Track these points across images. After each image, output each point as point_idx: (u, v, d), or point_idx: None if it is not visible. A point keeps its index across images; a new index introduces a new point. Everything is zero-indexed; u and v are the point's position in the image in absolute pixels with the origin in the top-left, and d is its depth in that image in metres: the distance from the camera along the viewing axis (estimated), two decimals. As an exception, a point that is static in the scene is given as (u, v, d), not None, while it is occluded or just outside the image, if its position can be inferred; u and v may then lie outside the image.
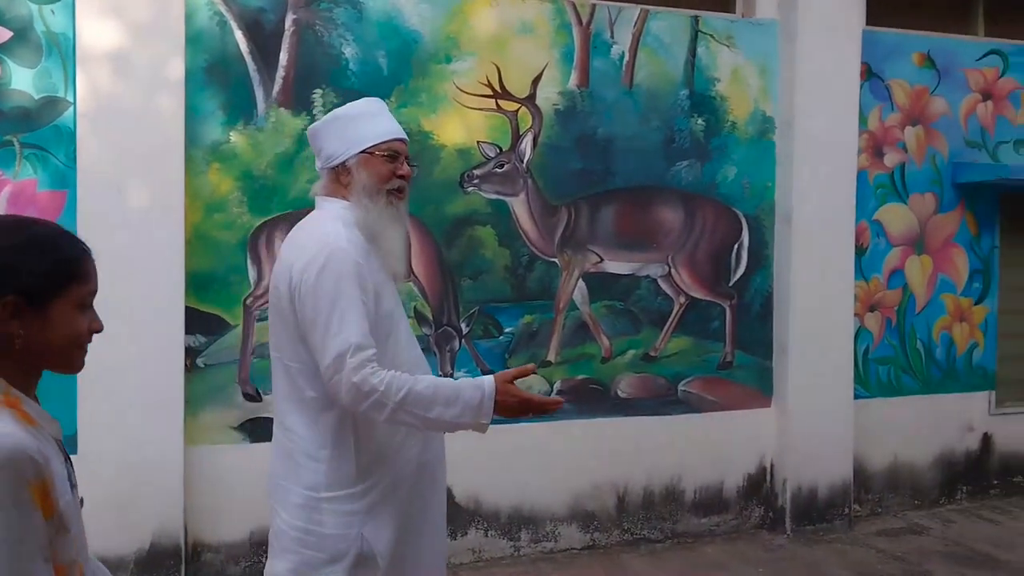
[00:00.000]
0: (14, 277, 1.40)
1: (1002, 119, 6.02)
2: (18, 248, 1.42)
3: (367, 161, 2.40)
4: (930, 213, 5.87)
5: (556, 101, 4.98)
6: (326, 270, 2.25)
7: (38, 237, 1.46)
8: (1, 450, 1.32)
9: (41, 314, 1.43)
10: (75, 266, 1.48)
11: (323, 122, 2.49)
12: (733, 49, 5.29)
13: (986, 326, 6.07)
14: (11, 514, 1.32)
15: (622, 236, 5.14)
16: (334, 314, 2.22)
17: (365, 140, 2.40)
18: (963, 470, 6.01)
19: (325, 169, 2.46)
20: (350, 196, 2.40)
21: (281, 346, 2.37)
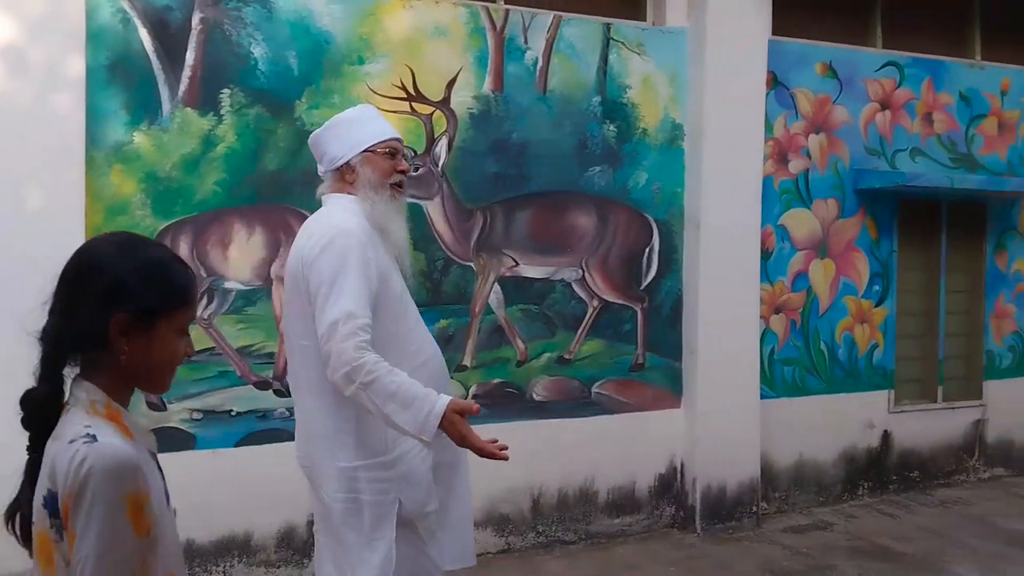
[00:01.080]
0: (129, 296, 1.46)
1: (899, 128, 6.26)
2: (136, 269, 1.49)
3: (370, 159, 2.63)
4: (832, 218, 6.07)
5: (471, 105, 4.98)
6: (331, 246, 2.45)
7: (154, 260, 1.53)
8: (104, 460, 1.36)
9: (147, 334, 1.49)
10: (184, 292, 1.55)
11: (324, 129, 2.71)
12: (644, 57, 5.38)
13: (885, 327, 6.31)
14: (114, 519, 1.36)
15: (537, 240, 5.17)
16: (334, 286, 2.40)
17: (367, 140, 2.64)
18: (864, 467, 6.23)
19: (329, 171, 2.68)
20: (356, 192, 2.62)
21: (299, 331, 2.54)
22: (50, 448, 1.43)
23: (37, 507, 1.43)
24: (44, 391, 1.47)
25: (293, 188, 4.60)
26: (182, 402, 4.42)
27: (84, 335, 1.46)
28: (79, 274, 1.49)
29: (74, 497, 1.36)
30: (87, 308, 1.45)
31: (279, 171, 4.58)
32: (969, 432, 6.62)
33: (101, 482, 1.36)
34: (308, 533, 4.66)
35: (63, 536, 1.39)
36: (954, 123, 6.46)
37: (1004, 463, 6.76)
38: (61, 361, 1.48)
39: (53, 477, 1.39)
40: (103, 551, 1.35)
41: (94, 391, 1.47)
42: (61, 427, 1.44)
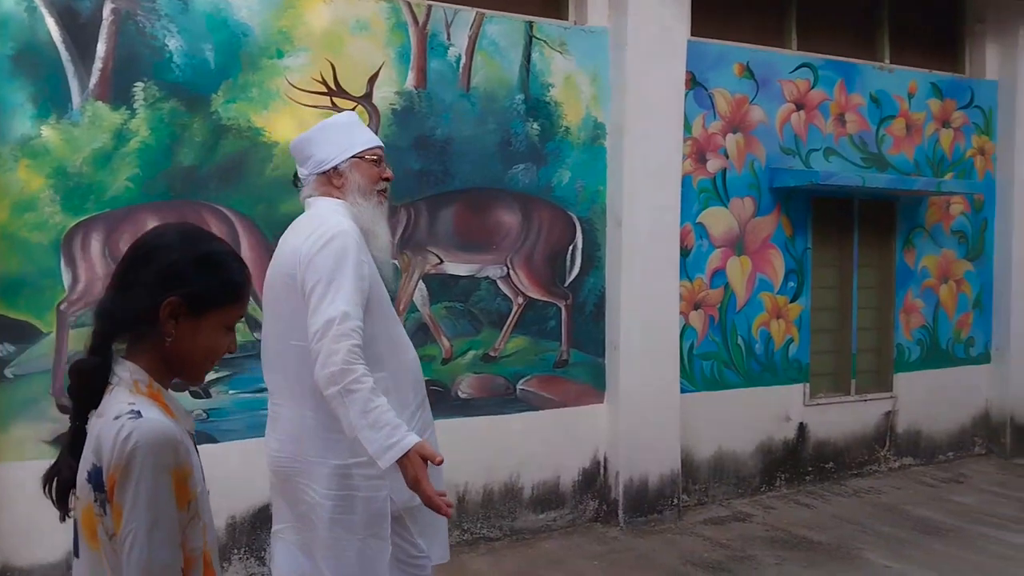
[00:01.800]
0: (183, 282, 1.54)
1: (813, 128, 6.44)
2: (194, 258, 1.56)
3: (358, 165, 2.69)
4: (749, 216, 6.21)
5: (393, 101, 4.94)
6: (329, 245, 2.47)
7: (214, 254, 1.60)
8: (150, 435, 1.43)
9: (195, 322, 1.56)
10: (237, 289, 1.61)
11: (313, 132, 2.74)
12: (566, 55, 5.41)
13: (800, 322, 6.48)
14: (160, 491, 1.43)
15: (461, 237, 5.16)
16: (331, 284, 2.43)
17: (355, 146, 2.70)
18: (781, 458, 6.39)
19: (315, 174, 2.70)
20: (345, 196, 2.67)
21: (290, 331, 2.55)
22: (95, 425, 1.49)
23: (81, 482, 1.49)
24: (93, 363, 1.52)
25: (209, 184, 4.49)
26: (94, 405, 4.27)
27: (137, 313, 1.53)
28: (140, 255, 1.56)
29: (121, 471, 1.42)
30: (142, 287, 1.53)
31: (195, 166, 4.47)
32: (880, 423, 6.85)
33: (147, 456, 1.42)
34: (228, 537, 4.56)
35: (107, 510, 1.45)
36: (865, 124, 6.67)
37: (912, 453, 7.02)
38: (112, 337, 1.55)
39: (98, 452, 1.45)
40: (151, 523, 1.42)
41: (137, 371, 1.54)
42: (105, 404, 1.50)
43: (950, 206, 7.14)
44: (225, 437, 4.55)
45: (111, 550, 1.46)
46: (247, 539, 4.63)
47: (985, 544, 5.21)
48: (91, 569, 1.50)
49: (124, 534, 1.43)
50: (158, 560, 1.43)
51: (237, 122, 4.56)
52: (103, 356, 1.54)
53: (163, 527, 1.44)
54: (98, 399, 1.52)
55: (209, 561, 1.57)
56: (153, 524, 1.43)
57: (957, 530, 5.48)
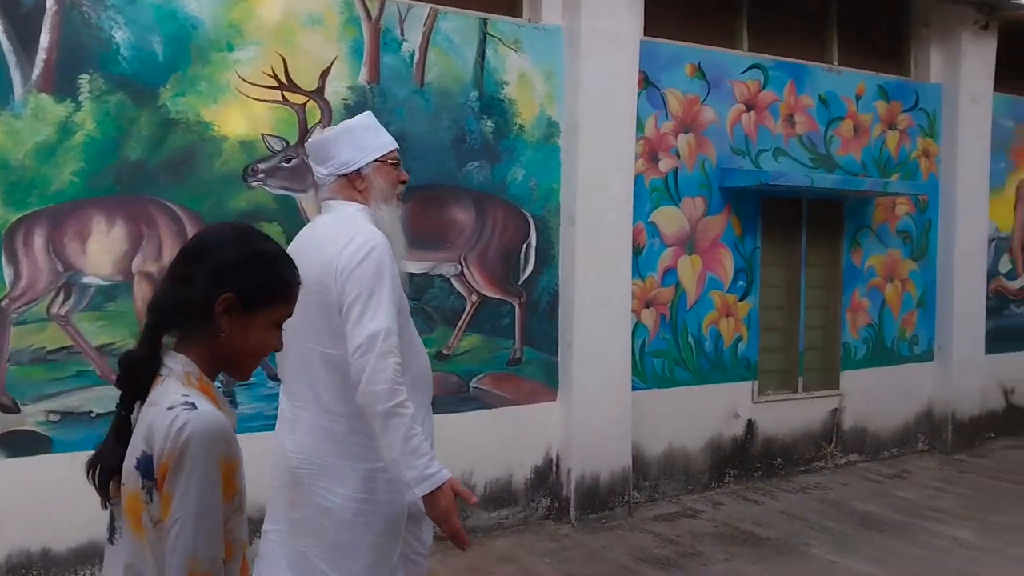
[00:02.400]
0: (239, 279, 1.59)
1: (763, 128, 6.53)
2: (250, 256, 1.62)
3: (380, 168, 2.70)
4: (700, 215, 6.27)
5: (346, 96, 4.89)
6: (369, 257, 2.48)
7: (268, 253, 1.65)
8: (203, 426, 1.47)
9: (246, 319, 1.60)
10: (288, 288, 1.67)
11: (335, 133, 2.72)
12: (520, 53, 5.41)
13: (749, 321, 6.57)
14: (210, 480, 1.47)
15: (415, 235, 5.10)
16: (372, 298, 2.45)
17: (379, 149, 2.71)
18: (730, 455, 6.47)
19: (336, 176, 2.68)
20: (368, 200, 2.67)
21: (318, 338, 2.55)
22: (145, 414, 1.54)
23: (129, 469, 1.52)
24: (143, 354, 1.58)
25: (157, 179, 4.41)
26: (37, 403, 4.18)
27: (193, 307, 1.58)
28: (197, 252, 1.62)
29: (174, 460, 1.46)
30: (199, 282, 1.57)
31: (142, 161, 4.38)
32: (827, 420, 6.97)
33: (200, 446, 1.46)
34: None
35: (153, 498, 1.49)
36: (814, 125, 6.78)
37: (858, 449, 7.16)
38: (164, 330, 1.61)
39: (149, 441, 1.49)
40: (200, 512, 1.46)
41: (188, 363, 1.59)
42: (156, 395, 1.55)
43: (896, 207, 7.29)
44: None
45: (155, 536, 1.50)
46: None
47: (926, 538, 5.34)
48: (132, 554, 1.54)
49: (171, 522, 1.46)
50: (202, 549, 1.47)
51: (186, 116, 4.48)
52: (153, 348, 1.59)
53: (210, 517, 1.48)
54: (146, 390, 1.57)
55: (245, 555, 1.63)
56: (201, 513, 1.47)
57: (900, 524, 5.60)
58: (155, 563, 1.51)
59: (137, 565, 1.54)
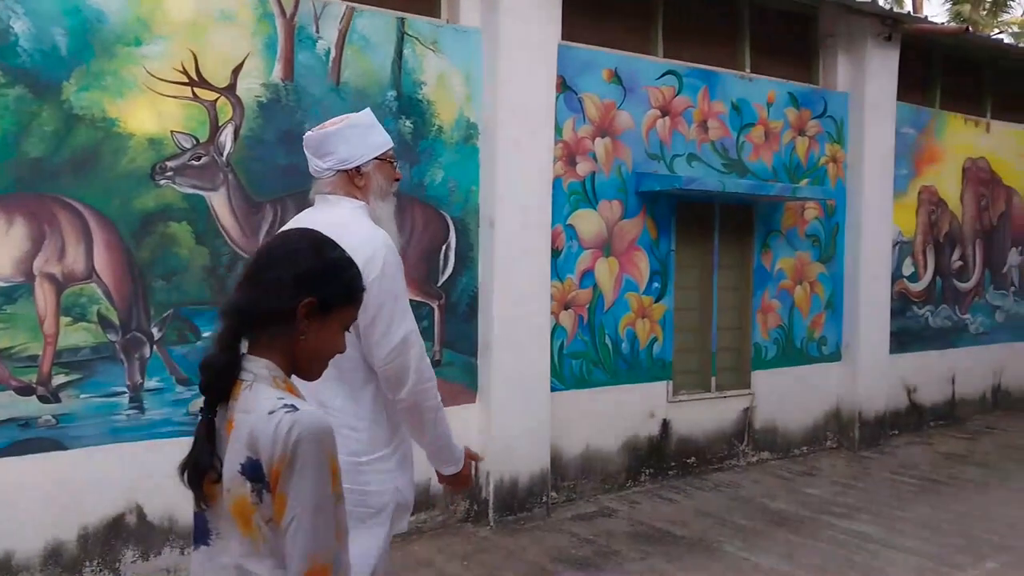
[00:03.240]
0: (320, 285, 1.68)
1: (677, 134, 6.64)
2: (329, 264, 1.71)
3: (380, 166, 2.73)
4: (616, 219, 6.34)
5: (259, 93, 4.79)
6: (388, 265, 2.53)
7: (342, 260, 1.75)
8: (310, 427, 1.55)
9: (321, 323, 1.70)
10: (358, 293, 1.77)
11: (337, 128, 2.70)
12: (438, 54, 5.39)
13: (664, 322, 6.67)
14: (321, 477, 1.56)
15: (329, 236, 5.04)
16: (398, 304, 2.55)
17: (379, 147, 2.74)
18: (646, 454, 6.56)
19: (335, 171, 2.69)
20: (366, 196, 2.71)
21: None
22: (244, 420, 1.60)
23: (232, 475, 1.59)
24: (227, 359, 1.64)
25: (60, 176, 4.24)
26: (-74, 411, 3.97)
27: (276, 312, 1.65)
28: (276, 260, 1.69)
29: (286, 462, 1.54)
30: (284, 289, 1.65)
31: (44, 158, 4.21)
32: (739, 419, 7.13)
33: (309, 447, 1.55)
34: (79, 549, 4.32)
35: (263, 499, 1.56)
36: (726, 131, 6.93)
37: (769, 447, 7.34)
38: (242, 334, 1.67)
39: (253, 446, 1.56)
40: (315, 508, 1.55)
41: (272, 367, 1.67)
42: (248, 400, 1.61)
43: (805, 211, 7.50)
44: (75, 444, 4.31)
45: (270, 535, 1.58)
46: (100, 550, 4.39)
47: (833, 533, 5.50)
48: (242, 554, 1.62)
49: (287, 519, 1.55)
50: (320, 541, 1.57)
51: (91, 112, 4.32)
52: (234, 353, 1.66)
53: (324, 512, 1.57)
54: (227, 393, 1.64)
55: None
56: (316, 509, 1.56)
57: (808, 520, 5.75)
58: (271, 559, 1.60)
59: (247, 564, 1.62)
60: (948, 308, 8.89)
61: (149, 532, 4.52)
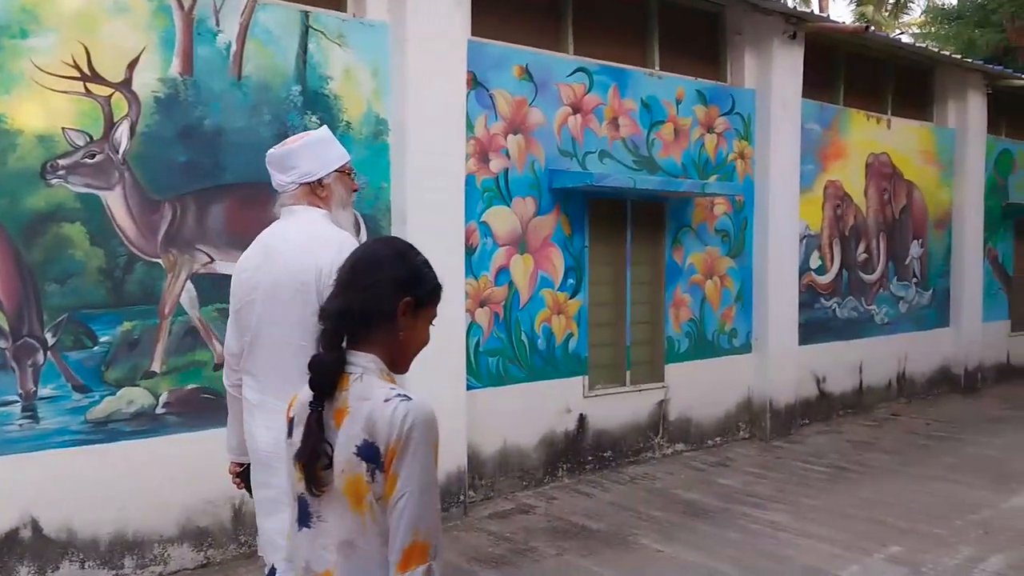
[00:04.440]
0: (416, 285, 1.87)
1: (589, 131, 6.66)
2: (417, 267, 1.90)
3: (340, 178, 2.93)
4: (530, 215, 6.33)
5: (156, 88, 4.62)
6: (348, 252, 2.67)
7: (425, 263, 1.93)
8: (422, 414, 1.72)
9: (414, 319, 1.88)
10: (439, 292, 1.94)
11: (299, 145, 2.89)
12: (345, 48, 5.28)
13: (579, 317, 6.69)
14: (429, 460, 1.73)
15: (235, 234, 4.90)
16: None
17: (338, 160, 2.93)
18: (563, 449, 6.57)
19: (297, 183, 2.86)
20: (329, 206, 2.89)
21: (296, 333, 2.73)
22: (360, 407, 1.76)
23: (348, 457, 1.75)
24: (335, 357, 1.81)
25: (-60, 175, 4.01)
26: None
27: (379, 312, 1.83)
28: (373, 267, 1.86)
29: (401, 444, 1.70)
30: (384, 292, 1.83)
31: (-79, 155, 3.98)
32: (654, 412, 7.20)
33: (422, 432, 1.71)
34: (-34, 568, 4.10)
35: (376, 478, 1.72)
36: (637, 128, 6.98)
37: (683, 439, 7.44)
38: (345, 334, 1.84)
39: (370, 430, 1.73)
40: (425, 485, 1.71)
41: (377, 361, 1.84)
42: (362, 390, 1.78)
43: (714, 207, 7.62)
44: (-39, 457, 4.09)
45: (379, 512, 1.73)
46: (-10, 569, 4.18)
47: (745, 523, 5.59)
48: (350, 531, 1.77)
49: (397, 497, 1.70)
50: (426, 517, 1.71)
51: (-28, 106, 4.10)
52: (341, 351, 1.83)
53: (430, 490, 1.73)
54: (334, 388, 1.79)
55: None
56: (424, 488, 1.71)
57: (721, 511, 5.84)
58: (377, 534, 1.74)
59: (356, 540, 1.77)
60: (854, 299, 9.16)
61: (46, 547, 4.32)
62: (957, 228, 10.46)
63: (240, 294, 2.94)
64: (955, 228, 10.46)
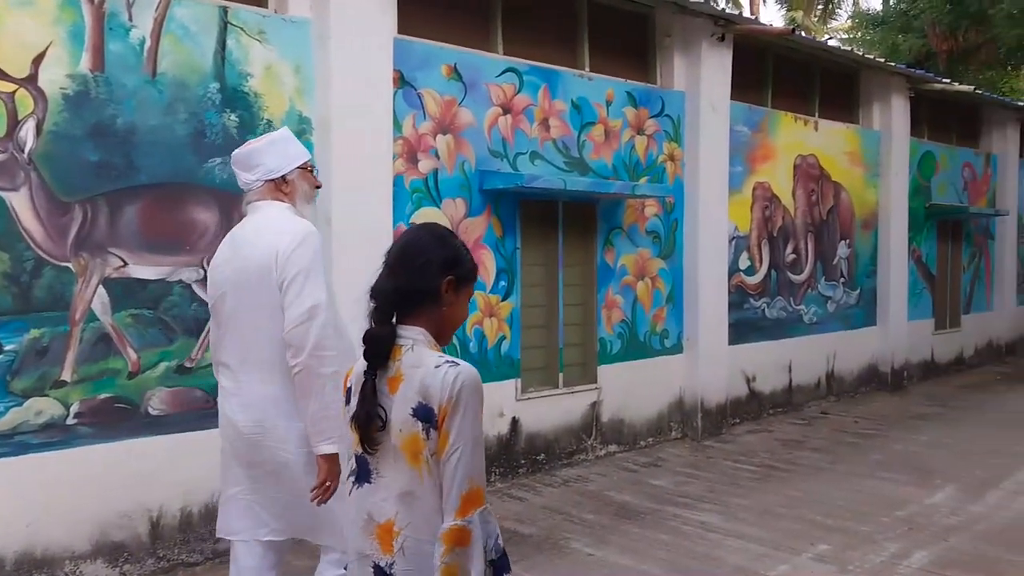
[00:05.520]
0: (458, 265, 2.10)
1: (520, 132, 6.60)
2: (457, 248, 2.13)
3: (303, 174, 3.21)
4: (461, 217, 6.25)
5: (64, 85, 4.42)
6: (305, 243, 2.97)
7: (463, 245, 2.17)
8: (470, 378, 1.97)
9: (456, 296, 2.10)
10: (476, 271, 2.19)
11: (261, 144, 3.17)
12: (266, 45, 5.13)
13: (512, 320, 6.63)
14: (477, 418, 1.97)
15: (150, 237, 4.72)
16: (309, 276, 2.92)
17: (300, 157, 3.20)
18: (496, 453, 6.49)
19: (262, 180, 3.13)
20: (293, 201, 3.16)
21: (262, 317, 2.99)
22: (414, 374, 1.99)
23: (404, 417, 1.99)
24: (387, 331, 2.04)
25: None
26: None
27: (426, 290, 2.07)
28: (420, 249, 2.10)
29: (452, 405, 1.94)
30: (430, 272, 2.07)
31: None
32: (587, 414, 7.17)
33: (471, 393, 1.96)
34: None
35: (430, 435, 1.96)
36: (568, 129, 6.95)
37: (617, 440, 7.43)
38: (396, 310, 2.06)
39: (425, 393, 1.96)
40: (473, 441, 1.96)
41: (425, 334, 2.07)
42: (413, 359, 2.02)
43: (645, 208, 7.63)
44: None
45: (433, 465, 1.97)
46: None
47: (676, 524, 5.58)
48: (409, 482, 2.00)
49: (450, 451, 1.94)
50: (477, 468, 1.97)
51: None
52: (392, 326, 2.05)
53: (479, 444, 1.99)
54: (387, 359, 2.03)
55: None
56: (474, 442, 1.97)
57: (652, 512, 5.83)
58: (433, 485, 1.97)
59: (415, 490, 2.00)
60: (783, 299, 9.27)
61: (-55, 568, 4.10)
62: (883, 228, 10.68)
63: (212, 291, 3.18)
64: (881, 228, 10.68)
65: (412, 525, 2.01)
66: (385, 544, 2.04)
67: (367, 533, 2.07)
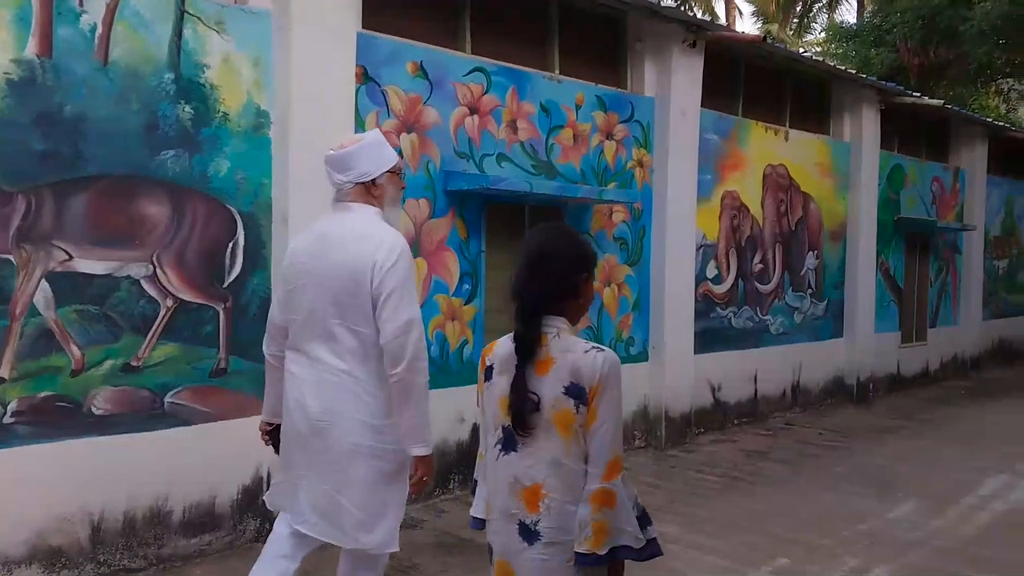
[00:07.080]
0: (589, 262, 2.43)
1: (487, 133, 6.49)
2: (586, 246, 2.46)
3: (392, 178, 3.33)
4: (424, 218, 6.12)
5: (9, 70, 4.25)
6: (402, 258, 3.16)
7: (589, 242, 2.58)
8: (614, 361, 2.28)
9: (587, 286, 2.42)
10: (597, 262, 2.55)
11: (356, 148, 3.28)
12: (224, 35, 4.98)
13: (475, 324, 6.50)
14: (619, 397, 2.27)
15: (97, 230, 4.55)
16: (405, 291, 3.13)
17: (390, 161, 3.33)
18: (456, 460, 6.36)
19: (353, 183, 3.26)
20: (381, 204, 3.30)
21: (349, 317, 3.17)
22: (565, 358, 2.26)
23: (556, 395, 2.25)
24: (535, 326, 2.29)
25: None
26: None
27: (568, 287, 2.35)
28: (558, 250, 2.36)
29: (601, 384, 2.23)
30: (570, 272, 2.35)
31: None
32: (549, 422, 7.04)
33: (615, 374, 2.25)
34: None
35: (579, 411, 2.23)
36: (536, 131, 6.85)
37: (579, 449, 7.30)
38: (542, 308, 2.30)
39: (576, 374, 2.24)
40: (617, 417, 2.25)
41: (567, 323, 2.34)
42: (563, 345, 2.28)
43: (612, 214, 7.54)
44: None
45: (580, 436, 2.24)
46: None
47: (637, 534, 5.48)
48: (558, 451, 2.26)
49: (598, 425, 2.23)
50: (618, 439, 2.25)
51: None
52: (539, 320, 2.30)
53: (620, 419, 2.27)
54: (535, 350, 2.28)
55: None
56: (617, 418, 2.25)
57: (613, 522, 5.72)
58: (579, 454, 2.24)
59: (562, 458, 2.25)
60: (750, 309, 9.22)
61: None
62: (851, 240, 10.69)
63: (292, 277, 3.30)
64: (849, 240, 10.69)
65: (558, 488, 2.27)
66: (531, 504, 2.30)
67: (513, 494, 2.32)
